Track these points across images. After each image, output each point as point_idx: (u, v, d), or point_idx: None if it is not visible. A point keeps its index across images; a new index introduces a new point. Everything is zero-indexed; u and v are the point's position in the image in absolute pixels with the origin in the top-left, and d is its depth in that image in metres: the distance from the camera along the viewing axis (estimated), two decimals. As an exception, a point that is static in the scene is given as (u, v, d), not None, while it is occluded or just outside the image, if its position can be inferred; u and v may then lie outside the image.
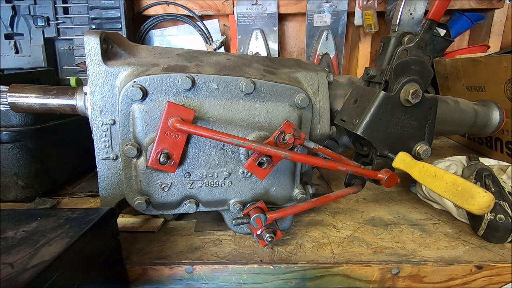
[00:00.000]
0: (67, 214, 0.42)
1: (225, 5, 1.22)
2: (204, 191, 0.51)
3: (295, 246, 0.53)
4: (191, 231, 0.57)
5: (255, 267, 0.48)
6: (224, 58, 0.55)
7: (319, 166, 0.53)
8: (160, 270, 0.48)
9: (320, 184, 0.77)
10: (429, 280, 0.49)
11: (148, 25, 1.24)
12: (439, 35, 0.61)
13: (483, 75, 0.87)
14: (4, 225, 0.39)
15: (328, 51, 1.23)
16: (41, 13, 1.14)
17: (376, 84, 0.60)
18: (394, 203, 0.67)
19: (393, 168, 0.56)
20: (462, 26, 1.23)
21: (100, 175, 0.51)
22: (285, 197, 0.55)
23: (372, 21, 1.17)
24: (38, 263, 0.32)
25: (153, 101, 0.47)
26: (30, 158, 0.64)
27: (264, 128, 0.51)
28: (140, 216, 0.60)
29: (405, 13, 0.60)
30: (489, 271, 0.48)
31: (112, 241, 0.45)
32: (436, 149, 1.00)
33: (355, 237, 0.55)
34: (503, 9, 1.21)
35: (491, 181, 0.57)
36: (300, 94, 0.51)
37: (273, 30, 1.23)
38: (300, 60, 0.62)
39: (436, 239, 0.54)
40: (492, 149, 0.88)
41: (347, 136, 0.67)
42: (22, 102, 0.52)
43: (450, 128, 0.73)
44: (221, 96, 0.49)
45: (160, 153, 0.46)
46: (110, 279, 0.45)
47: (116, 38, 0.52)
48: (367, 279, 0.49)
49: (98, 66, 0.48)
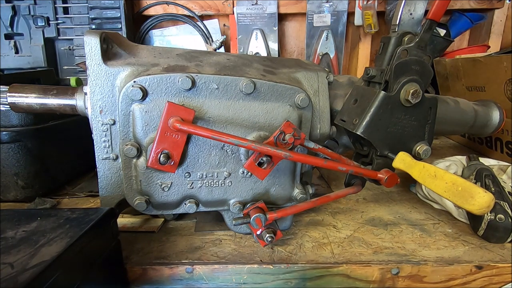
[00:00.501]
0: (67, 214, 0.42)
1: (225, 5, 1.22)
2: (204, 191, 0.51)
3: (295, 246, 0.53)
4: (191, 231, 0.57)
5: (255, 267, 0.48)
6: (224, 58, 0.55)
7: (319, 166, 0.53)
8: (160, 270, 0.48)
9: (320, 184, 0.77)
10: (429, 280, 0.49)
11: (148, 25, 1.25)
12: (439, 35, 0.61)
13: (483, 75, 0.87)
14: (4, 225, 0.39)
15: (328, 51, 1.23)
16: (41, 13, 1.14)
17: (376, 84, 0.60)
18: (394, 203, 0.67)
19: (393, 168, 0.56)
20: (462, 26, 1.23)
21: (100, 175, 0.51)
22: (285, 197, 0.55)
23: (372, 21, 1.17)
24: (38, 263, 0.32)
25: (153, 101, 0.47)
26: (30, 158, 0.64)
27: (264, 128, 0.51)
28: (140, 216, 0.60)
29: (405, 13, 0.60)
30: (489, 271, 0.48)
31: (112, 241, 0.45)
32: (436, 149, 1.00)
33: (355, 237, 0.55)
34: (503, 9, 1.22)
35: (491, 181, 0.57)
36: (300, 94, 0.51)
37: (273, 30, 1.23)
38: (300, 60, 0.62)
39: (436, 239, 0.54)
40: (492, 149, 0.88)
41: (347, 136, 0.67)
42: (22, 102, 0.52)
43: (450, 128, 0.73)
44: (221, 96, 0.49)
45: (160, 153, 0.46)
46: (110, 279, 0.45)
47: (116, 38, 0.52)
48: (367, 279, 0.49)
49: (98, 66, 0.48)
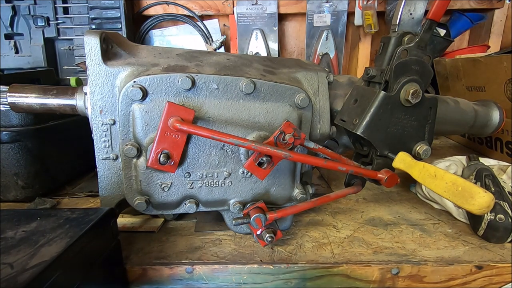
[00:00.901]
0: (66, 214, 0.42)
1: (225, 5, 1.22)
2: (204, 191, 0.51)
3: (295, 246, 0.53)
4: (191, 231, 0.57)
5: (255, 267, 0.48)
6: (224, 58, 0.55)
7: (319, 166, 0.53)
8: (160, 270, 0.48)
9: (320, 184, 0.77)
10: (429, 280, 0.49)
11: (148, 25, 1.24)
12: (439, 35, 0.61)
13: (483, 75, 0.87)
14: (4, 225, 0.39)
15: (328, 51, 1.23)
16: (41, 13, 1.14)
17: (376, 84, 0.60)
18: (394, 203, 0.67)
19: (393, 168, 0.56)
20: (462, 26, 1.23)
21: (100, 175, 0.51)
22: (285, 197, 0.55)
23: (372, 21, 1.17)
24: (37, 263, 0.32)
25: (153, 101, 0.47)
26: (30, 158, 0.64)
27: (264, 128, 0.51)
28: (140, 216, 0.60)
29: (405, 13, 0.60)
30: (489, 271, 0.48)
31: (112, 241, 0.45)
32: (436, 149, 1.00)
33: (355, 237, 0.55)
34: (503, 9, 1.22)
35: (491, 181, 0.57)
36: (300, 94, 0.51)
37: (273, 30, 1.23)
38: (300, 60, 0.62)
39: (436, 239, 0.54)
40: (492, 149, 0.88)
41: (347, 136, 0.67)
42: (22, 102, 0.52)
43: (450, 128, 0.73)
44: (221, 96, 0.49)
45: (160, 153, 0.46)
46: (110, 279, 0.45)
47: (116, 38, 0.52)
48: (367, 279, 0.49)
49: (98, 66, 0.48)
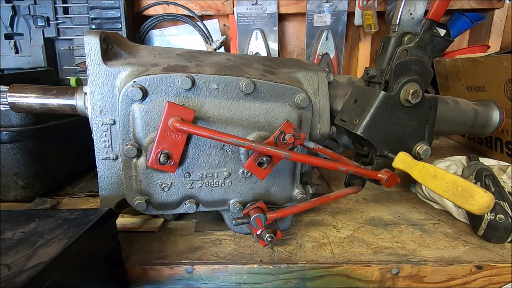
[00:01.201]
0: (65, 215, 0.42)
1: (225, 5, 1.22)
2: (204, 191, 0.51)
3: (295, 246, 0.53)
4: (191, 231, 0.57)
5: (255, 267, 0.48)
6: (224, 58, 0.55)
7: (319, 166, 0.53)
8: (160, 270, 0.48)
9: (320, 184, 0.77)
10: (429, 280, 0.49)
11: (148, 25, 1.24)
12: (439, 35, 0.61)
13: (483, 75, 0.87)
14: (2, 226, 0.39)
15: (328, 51, 1.23)
16: (41, 13, 1.14)
17: (376, 84, 0.60)
18: (394, 203, 0.67)
19: (393, 168, 0.56)
20: (462, 26, 1.23)
21: (100, 175, 0.51)
22: (285, 197, 0.55)
23: (372, 21, 1.17)
24: (35, 265, 0.32)
25: (153, 101, 0.47)
26: (30, 158, 0.64)
27: (264, 128, 0.51)
28: (140, 216, 0.60)
29: (405, 13, 0.60)
30: (489, 271, 0.48)
31: (111, 241, 0.45)
32: (436, 149, 1.00)
33: (355, 237, 0.55)
34: (503, 9, 1.22)
35: (491, 181, 0.57)
36: (300, 94, 0.51)
37: (273, 30, 1.23)
38: (300, 60, 0.62)
39: (436, 239, 0.54)
40: (492, 149, 0.88)
41: (347, 136, 0.67)
42: (22, 102, 0.52)
43: (450, 128, 0.73)
44: (221, 96, 0.49)
45: (160, 153, 0.46)
46: (110, 280, 0.45)
47: (116, 38, 0.52)
48: (367, 279, 0.49)
49: (98, 66, 0.48)
